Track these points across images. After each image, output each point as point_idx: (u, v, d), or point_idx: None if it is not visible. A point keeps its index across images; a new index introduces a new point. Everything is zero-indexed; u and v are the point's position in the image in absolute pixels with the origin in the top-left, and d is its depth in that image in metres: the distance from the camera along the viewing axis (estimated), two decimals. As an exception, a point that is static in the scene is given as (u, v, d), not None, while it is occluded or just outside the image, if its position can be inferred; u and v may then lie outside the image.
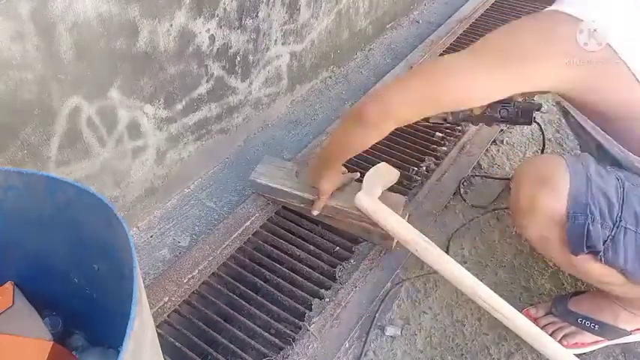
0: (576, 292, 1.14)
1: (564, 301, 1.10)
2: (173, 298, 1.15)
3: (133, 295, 0.54)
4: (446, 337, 1.12)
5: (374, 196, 1.18)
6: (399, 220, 1.13)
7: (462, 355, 1.09)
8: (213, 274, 1.21)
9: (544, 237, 0.91)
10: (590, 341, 1.07)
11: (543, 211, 0.88)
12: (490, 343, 1.10)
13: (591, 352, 1.08)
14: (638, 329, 1.06)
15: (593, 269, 0.90)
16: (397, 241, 1.20)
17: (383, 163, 1.31)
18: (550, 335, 1.06)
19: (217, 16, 1.28)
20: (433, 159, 1.53)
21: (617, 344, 1.09)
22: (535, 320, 1.10)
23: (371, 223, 1.20)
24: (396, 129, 1.61)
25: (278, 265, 1.23)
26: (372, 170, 1.26)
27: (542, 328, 1.07)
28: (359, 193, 1.19)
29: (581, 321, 1.06)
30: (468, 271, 1.04)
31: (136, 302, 0.54)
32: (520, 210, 0.92)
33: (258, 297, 1.16)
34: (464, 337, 1.12)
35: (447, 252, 1.13)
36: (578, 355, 1.01)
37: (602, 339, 1.07)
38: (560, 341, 1.06)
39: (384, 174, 1.28)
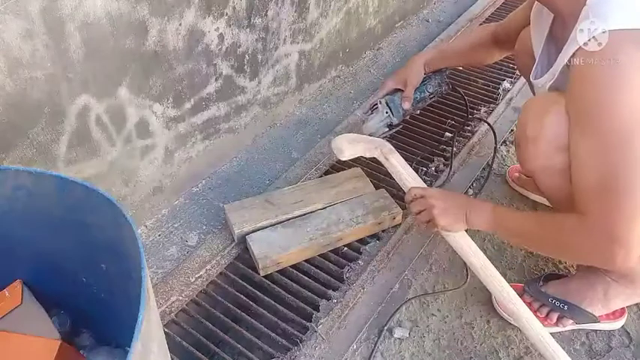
0: (550, 274, 1.16)
1: (536, 282, 1.13)
2: (181, 297, 1.15)
3: (141, 297, 0.54)
4: (454, 339, 1.11)
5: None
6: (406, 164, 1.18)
7: (471, 358, 1.08)
8: (220, 273, 1.21)
9: (547, 166, 0.92)
10: (556, 321, 1.10)
11: (549, 138, 0.89)
12: (499, 347, 1.09)
13: (558, 333, 1.11)
14: (606, 316, 1.10)
15: None
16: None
17: None
18: None
19: (226, 14, 1.27)
20: (442, 159, 1.52)
21: (584, 329, 1.12)
22: None
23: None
24: (405, 129, 1.62)
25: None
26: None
27: None
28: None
29: (551, 301, 1.10)
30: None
31: (144, 304, 0.53)
32: (526, 139, 0.93)
33: (266, 297, 1.16)
34: (472, 339, 1.11)
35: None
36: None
37: (570, 320, 1.10)
38: None
39: None
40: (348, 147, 1.21)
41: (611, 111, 0.78)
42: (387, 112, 1.36)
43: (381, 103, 1.37)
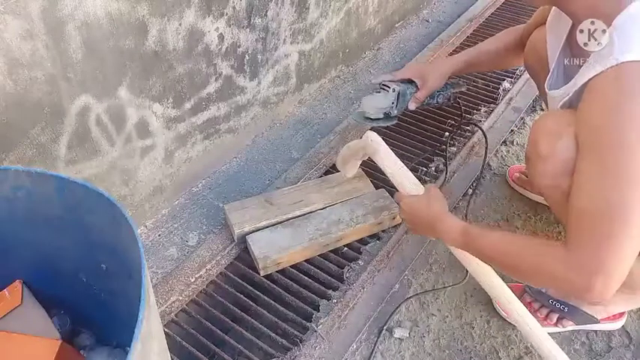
0: None
1: None
2: (181, 298, 1.15)
3: (141, 297, 0.54)
4: (454, 339, 1.11)
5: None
6: (401, 164, 1.15)
7: (471, 358, 1.08)
8: (220, 273, 1.21)
9: (555, 186, 0.91)
10: (555, 321, 1.11)
11: (559, 160, 0.88)
12: (499, 346, 1.09)
13: (558, 333, 1.11)
14: (607, 318, 1.10)
15: None
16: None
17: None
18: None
19: (226, 14, 1.27)
20: (442, 159, 1.52)
21: (584, 330, 1.12)
22: None
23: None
24: (405, 129, 1.62)
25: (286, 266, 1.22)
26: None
27: None
28: (370, 131, 1.18)
29: (551, 302, 1.10)
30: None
31: (144, 304, 0.53)
32: (537, 157, 0.92)
33: (266, 297, 1.16)
34: (472, 339, 1.11)
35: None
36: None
37: (570, 322, 1.10)
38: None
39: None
40: (345, 168, 1.29)
41: (621, 146, 0.76)
42: (392, 103, 1.31)
43: (394, 90, 1.30)
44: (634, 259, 0.77)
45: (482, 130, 1.48)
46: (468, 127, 1.61)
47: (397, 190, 1.14)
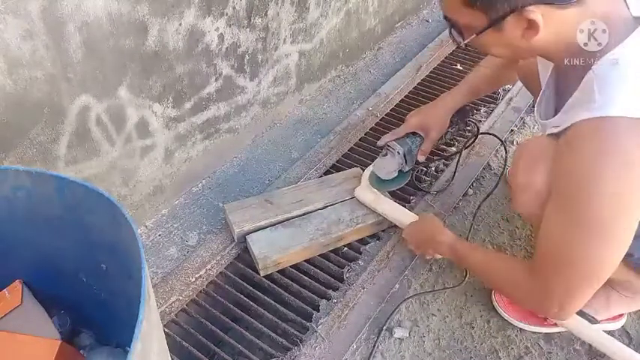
0: None
1: None
2: (181, 298, 1.15)
3: (141, 297, 0.54)
4: (454, 339, 1.11)
5: (371, 189, 1.31)
6: (396, 205, 1.28)
7: (471, 357, 1.08)
8: (220, 273, 1.21)
9: (532, 214, 0.93)
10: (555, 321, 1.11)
11: (535, 191, 0.90)
12: (499, 346, 1.09)
13: (558, 333, 1.11)
14: (607, 319, 1.09)
15: None
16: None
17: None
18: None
19: (226, 14, 1.27)
20: (443, 160, 1.51)
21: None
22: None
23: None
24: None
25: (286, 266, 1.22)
26: (370, 167, 1.36)
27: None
28: (357, 188, 1.32)
29: None
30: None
31: (144, 304, 0.53)
32: (516, 185, 0.95)
33: (266, 297, 1.16)
34: (472, 339, 1.11)
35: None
36: (545, 334, 1.12)
37: None
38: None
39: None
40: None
41: (590, 199, 0.77)
42: (401, 163, 1.30)
43: (399, 153, 1.29)
44: (592, 293, 0.85)
45: (501, 141, 1.46)
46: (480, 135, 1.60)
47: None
